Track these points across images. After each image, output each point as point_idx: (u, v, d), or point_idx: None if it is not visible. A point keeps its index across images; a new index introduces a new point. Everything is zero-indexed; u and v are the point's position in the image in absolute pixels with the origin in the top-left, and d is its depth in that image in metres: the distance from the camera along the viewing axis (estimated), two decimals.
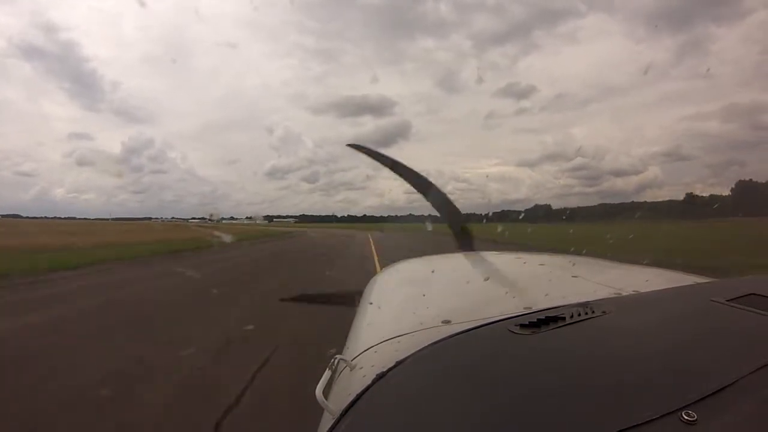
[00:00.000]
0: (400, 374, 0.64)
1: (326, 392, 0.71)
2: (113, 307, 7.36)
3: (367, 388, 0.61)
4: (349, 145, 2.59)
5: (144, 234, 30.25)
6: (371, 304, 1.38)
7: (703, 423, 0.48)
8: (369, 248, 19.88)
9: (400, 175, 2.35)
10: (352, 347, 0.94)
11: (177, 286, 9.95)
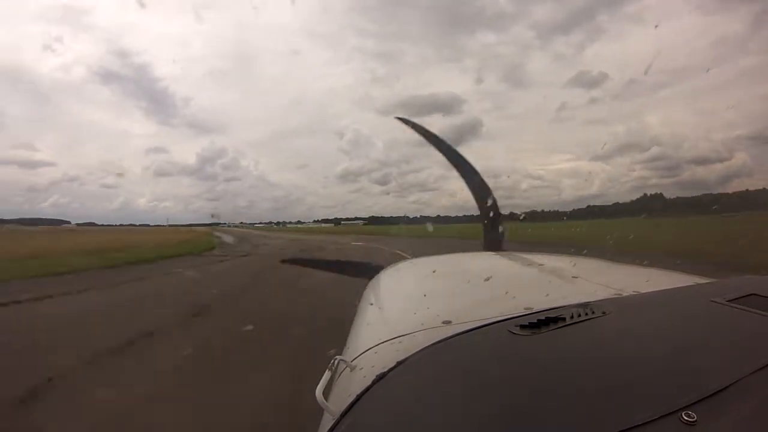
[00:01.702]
0: (400, 375, 0.64)
1: (326, 393, 0.71)
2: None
3: (368, 389, 0.61)
4: (398, 117, 2.60)
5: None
6: (372, 304, 1.38)
7: (703, 423, 0.48)
8: None
9: (446, 155, 2.29)
10: (353, 348, 0.94)
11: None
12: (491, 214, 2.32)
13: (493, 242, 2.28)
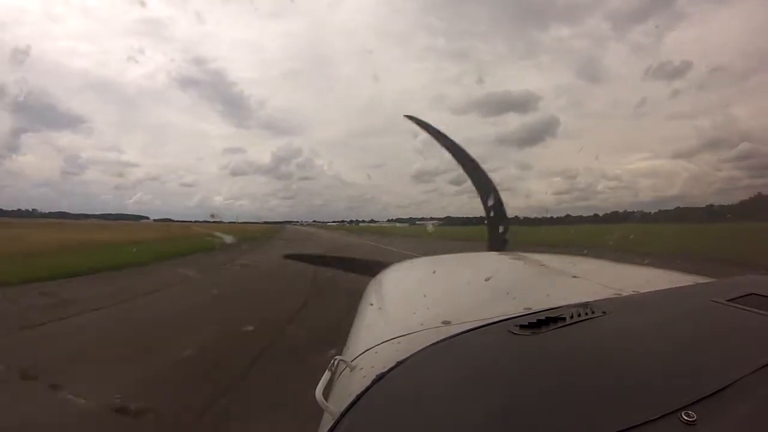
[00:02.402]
0: (400, 375, 0.64)
1: (326, 393, 0.71)
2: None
3: (367, 389, 0.61)
4: (407, 116, 2.56)
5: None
6: (372, 304, 1.38)
7: (703, 423, 0.48)
8: None
9: (454, 155, 2.26)
10: (353, 348, 0.94)
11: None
12: (495, 214, 2.29)
13: (498, 243, 2.26)
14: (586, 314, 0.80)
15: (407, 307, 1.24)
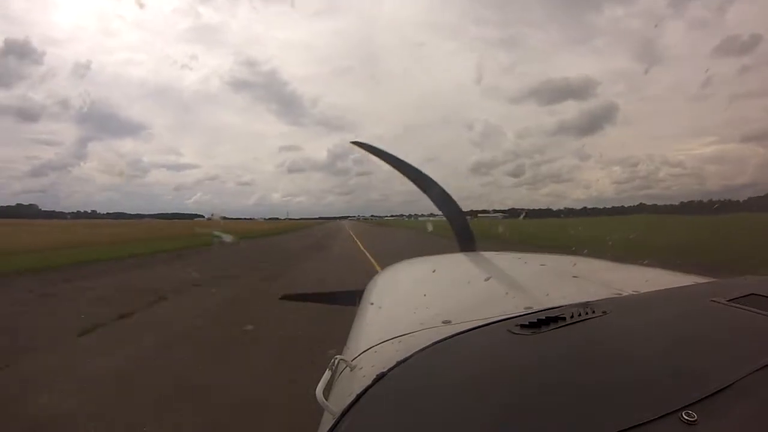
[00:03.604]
0: (400, 374, 0.65)
1: (326, 392, 0.71)
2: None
3: (368, 388, 0.61)
4: (353, 142, 2.56)
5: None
6: (372, 304, 1.38)
7: (703, 423, 0.48)
8: None
9: (403, 173, 2.33)
10: (353, 347, 0.94)
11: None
12: (458, 216, 2.36)
13: (467, 243, 2.32)
14: (586, 314, 0.80)
15: (407, 307, 1.24)
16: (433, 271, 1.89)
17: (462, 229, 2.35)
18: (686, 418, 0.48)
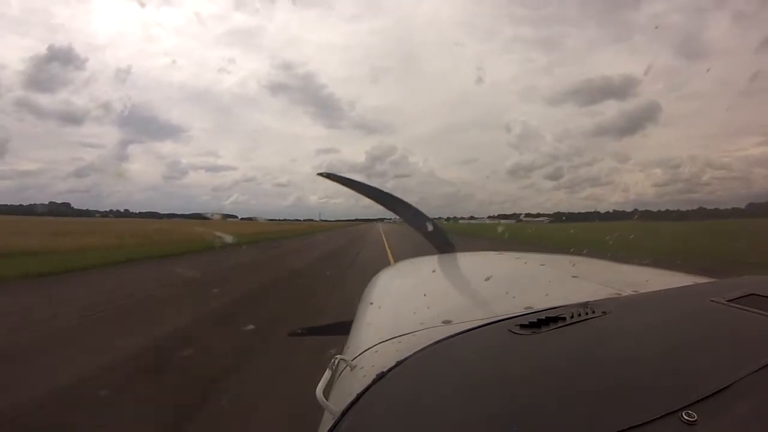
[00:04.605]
0: (400, 374, 0.65)
1: (327, 392, 0.71)
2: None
3: (368, 388, 0.62)
4: (320, 174, 2.60)
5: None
6: (372, 304, 1.38)
7: (704, 423, 0.48)
8: None
9: (373, 198, 2.41)
10: (353, 347, 0.94)
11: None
12: (424, 223, 2.44)
13: (444, 244, 2.41)
14: (586, 314, 0.80)
15: (407, 307, 1.24)
16: (433, 271, 1.89)
17: (435, 236, 2.42)
18: (686, 418, 0.48)
